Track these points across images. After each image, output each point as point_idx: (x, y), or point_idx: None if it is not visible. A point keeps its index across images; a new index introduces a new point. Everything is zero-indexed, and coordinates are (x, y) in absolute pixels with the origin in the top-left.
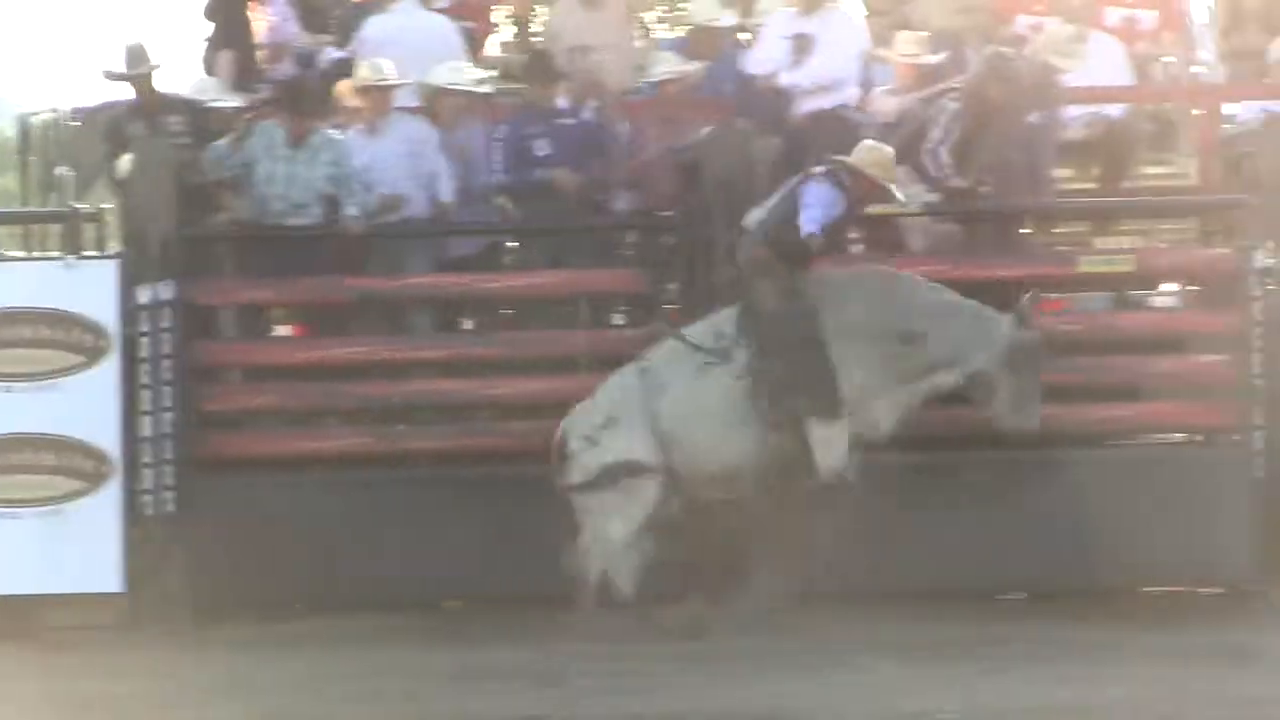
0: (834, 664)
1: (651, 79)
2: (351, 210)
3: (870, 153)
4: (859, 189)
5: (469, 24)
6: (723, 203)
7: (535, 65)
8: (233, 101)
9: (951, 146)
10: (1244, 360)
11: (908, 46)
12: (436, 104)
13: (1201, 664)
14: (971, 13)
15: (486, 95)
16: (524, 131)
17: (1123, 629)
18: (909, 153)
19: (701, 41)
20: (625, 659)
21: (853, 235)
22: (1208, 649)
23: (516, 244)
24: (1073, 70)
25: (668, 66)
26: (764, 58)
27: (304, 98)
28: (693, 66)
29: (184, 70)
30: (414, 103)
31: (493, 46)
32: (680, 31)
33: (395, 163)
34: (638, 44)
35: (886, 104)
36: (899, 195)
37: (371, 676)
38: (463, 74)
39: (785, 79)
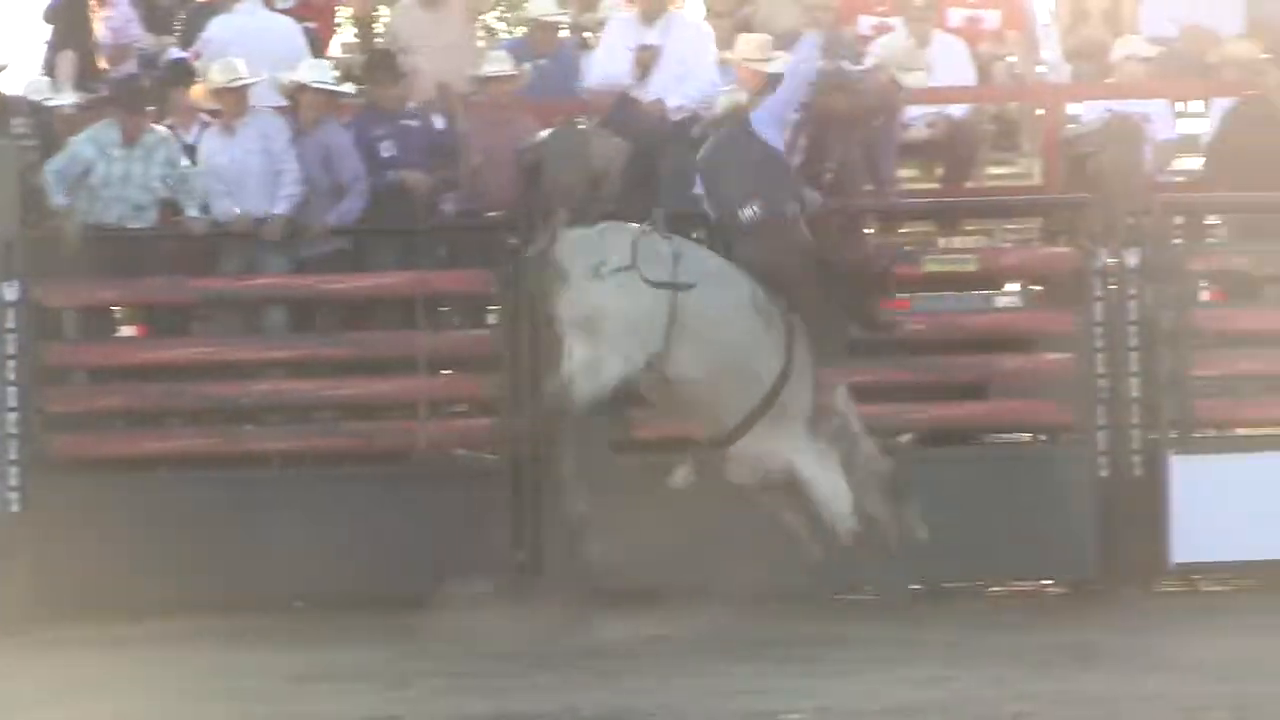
0: (680, 664)
1: (480, 76)
2: (191, 210)
3: None
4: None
5: (311, 25)
6: (563, 204)
7: (377, 65)
8: (67, 101)
9: (799, 152)
10: (1087, 359)
11: (749, 50)
12: (298, 101)
13: (1049, 663)
14: (814, 13)
15: (345, 94)
16: (370, 133)
17: (970, 628)
18: None
19: (539, 39)
20: (472, 660)
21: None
22: (1055, 648)
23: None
24: (915, 83)
25: (496, 65)
26: (607, 70)
27: (139, 97)
28: (525, 66)
29: (28, 72)
30: (274, 101)
31: (335, 47)
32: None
33: (251, 162)
34: (480, 44)
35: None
36: None
37: (219, 677)
38: (325, 72)
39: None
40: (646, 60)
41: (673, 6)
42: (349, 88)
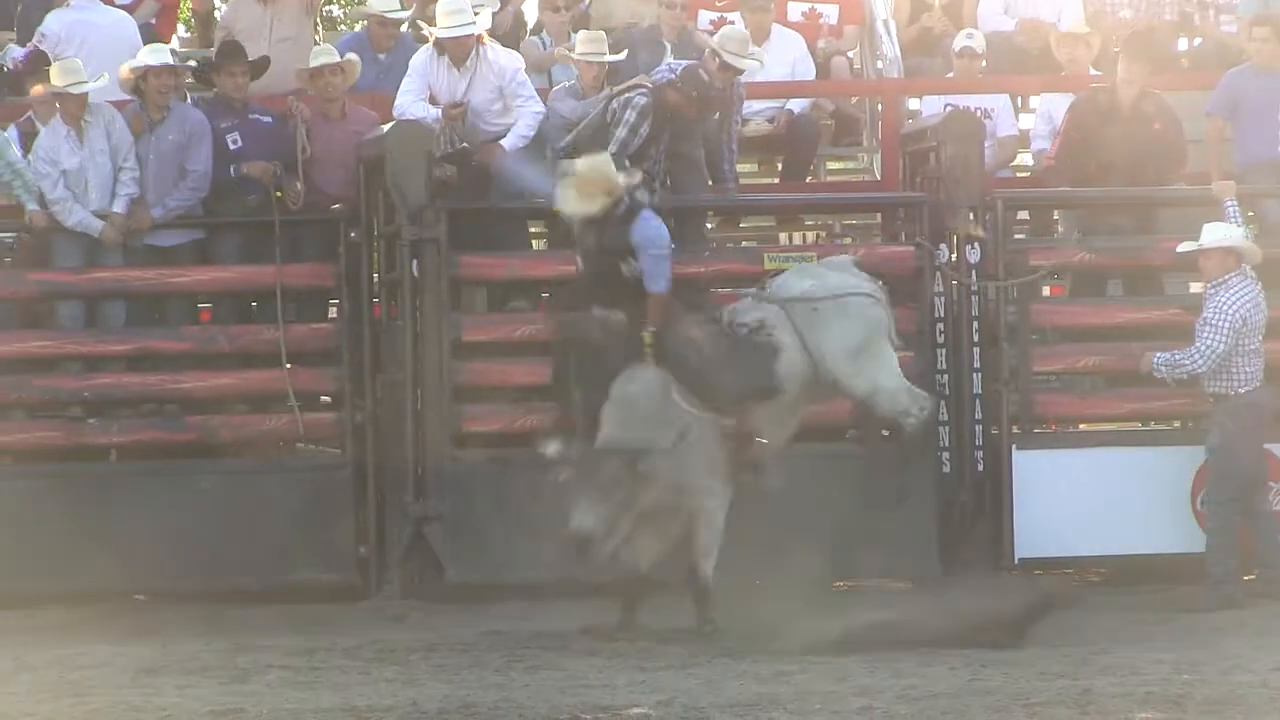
0: (520, 658)
1: (310, 69)
2: (30, 205)
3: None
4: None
5: (150, 19)
6: (404, 197)
7: (226, 56)
8: None
9: (638, 146)
10: (929, 356)
11: (587, 45)
12: (144, 90)
13: (893, 658)
14: (651, 4)
15: (190, 67)
16: (217, 124)
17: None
18: (591, 148)
19: (379, 35)
20: (314, 654)
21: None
22: (899, 644)
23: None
24: (748, 72)
25: (323, 58)
26: (412, 114)
27: None
28: (352, 57)
29: None
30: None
31: (174, 44)
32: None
33: (98, 163)
34: (317, 38)
35: (565, 104)
36: None
37: (62, 669)
38: (166, 54)
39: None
40: (456, 116)
41: (481, 45)
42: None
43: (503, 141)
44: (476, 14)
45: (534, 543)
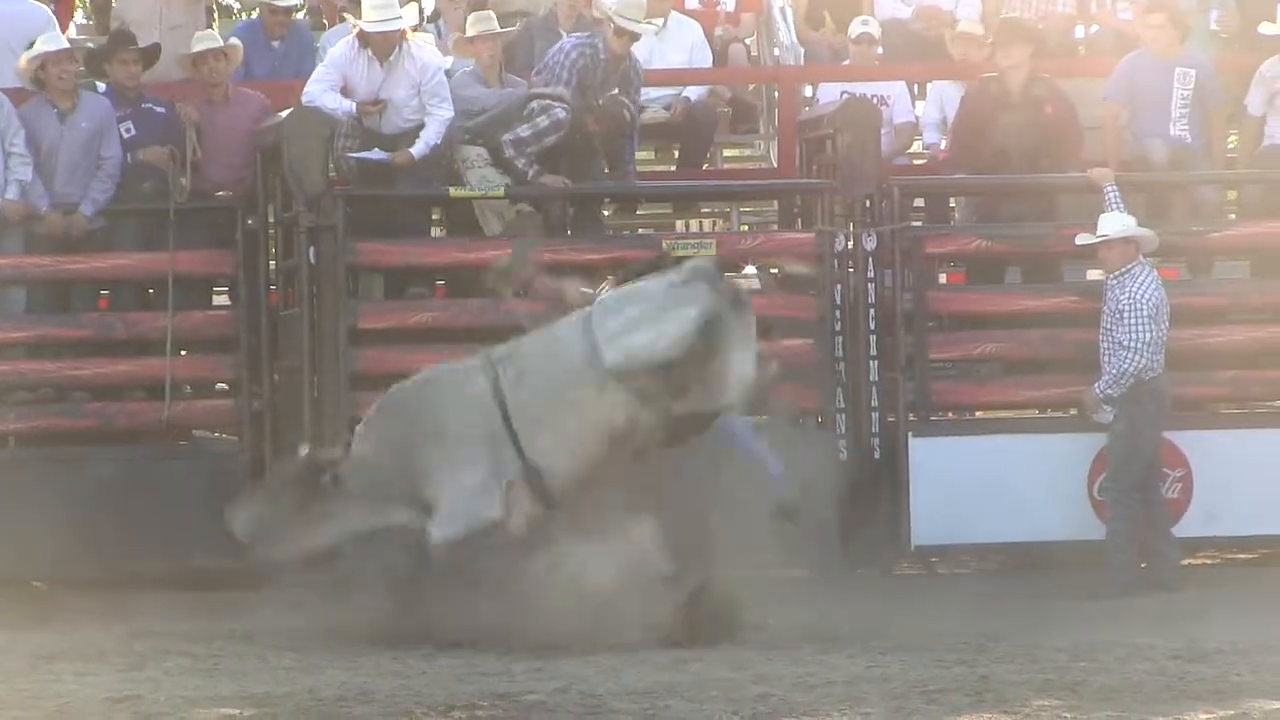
0: (418, 646)
1: (193, 54)
2: None
3: None
4: None
5: (48, 6)
6: (301, 184)
7: (117, 44)
8: None
9: (538, 152)
10: (827, 343)
11: (477, 25)
12: (44, 79)
13: (790, 646)
14: None
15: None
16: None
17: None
18: (490, 136)
19: (273, 22)
20: (211, 641)
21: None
22: (796, 631)
23: None
24: (646, 53)
25: (207, 43)
26: (324, 104)
27: None
28: (234, 41)
29: None
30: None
31: (71, 30)
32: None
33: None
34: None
35: (471, 90)
36: None
37: None
38: (62, 40)
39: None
40: (373, 112)
41: (405, 41)
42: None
43: (412, 149)
44: (403, 8)
45: None
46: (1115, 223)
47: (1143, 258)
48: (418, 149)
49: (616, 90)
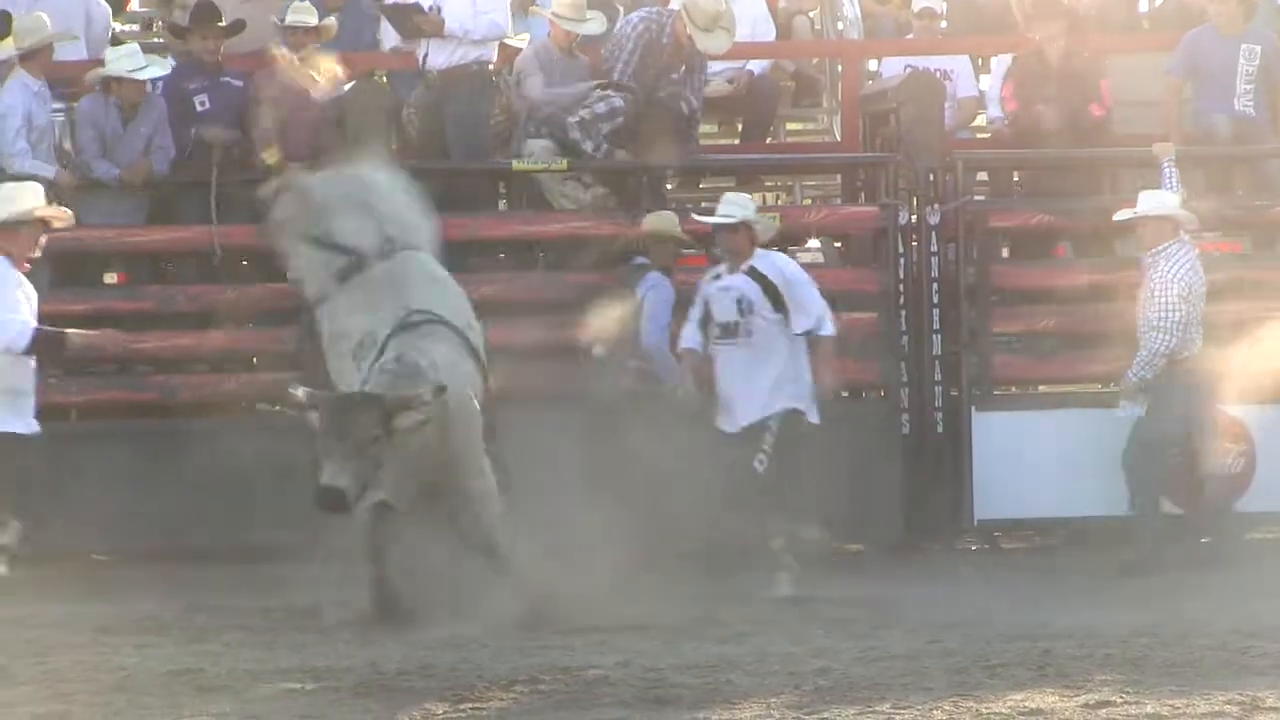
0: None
1: (283, 27)
2: None
3: None
4: None
5: None
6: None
7: (200, 18)
8: None
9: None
10: (891, 317)
11: (566, 8)
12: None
13: (852, 620)
14: None
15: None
16: (185, 86)
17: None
18: (554, 125)
19: None
20: (270, 614)
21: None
22: (858, 604)
23: None
24: (716, 52)
25: (297, 16)
26: None
27: None
28: (330, 20)
29: None
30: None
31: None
32: None
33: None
34: None
35: (533, 89)
36: None
37: (19, 628)
38: (137, 58)
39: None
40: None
41: None
42: (160, 69)
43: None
44: None
45: None
46: (1152, 200)
47: (1185, 235)
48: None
49: (682, 69)
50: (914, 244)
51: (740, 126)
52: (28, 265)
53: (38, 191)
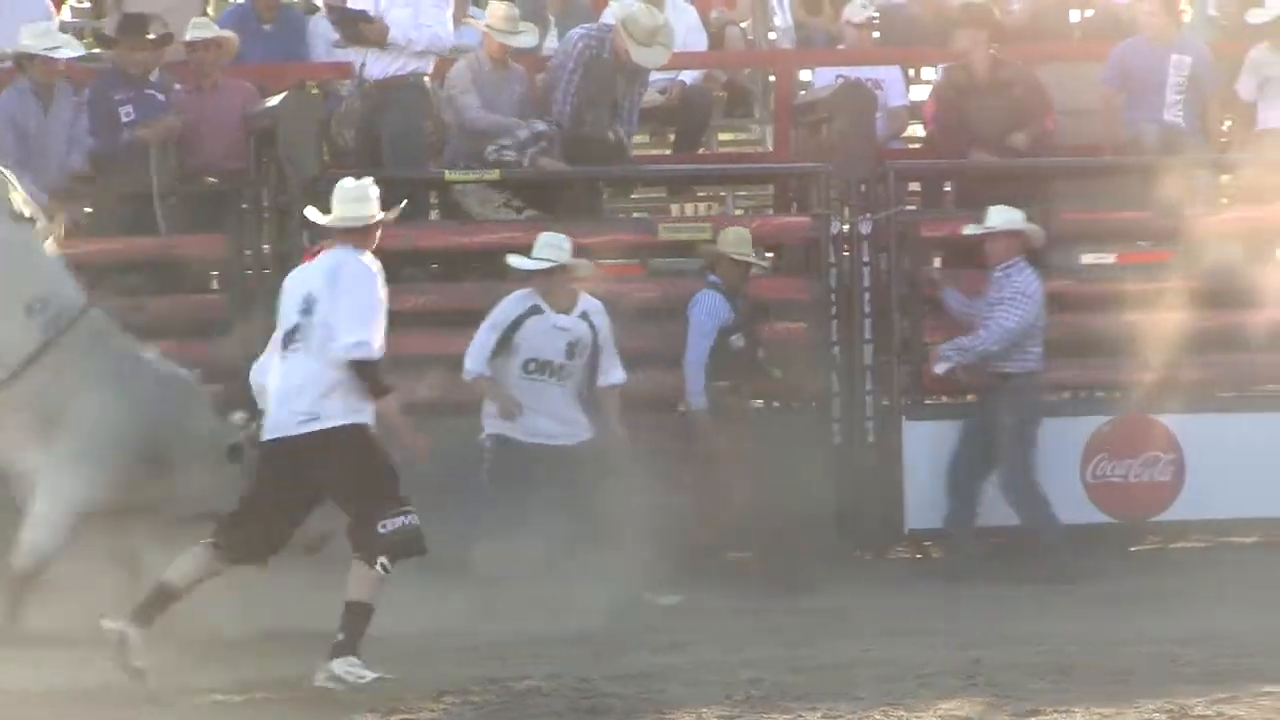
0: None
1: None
2: None
3: None
4: None
5: None
6: (296, 167)
7: (127, 29)
8: None
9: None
10: (822, 327)
11: (500, 21)
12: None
13: (784, 629)
14: None
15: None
16: (111, 95)
17: (704, 595)
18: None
19: (264, 5)
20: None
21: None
22: (790, 614)
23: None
24: (654, 66)
25: (199, 31)
26: None
27: None
28: (228, 34)
29: None
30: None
31: (65, 12)
32: None
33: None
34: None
35: (470, 108)
36: None
37: None
38: (53, 37)
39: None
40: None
41: None
42: (72, 50)
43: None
44: None
45: None
46: (1003, 215)
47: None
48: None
49: (624, 83)
50: (846, 254)
51: (673, 136)
52: None
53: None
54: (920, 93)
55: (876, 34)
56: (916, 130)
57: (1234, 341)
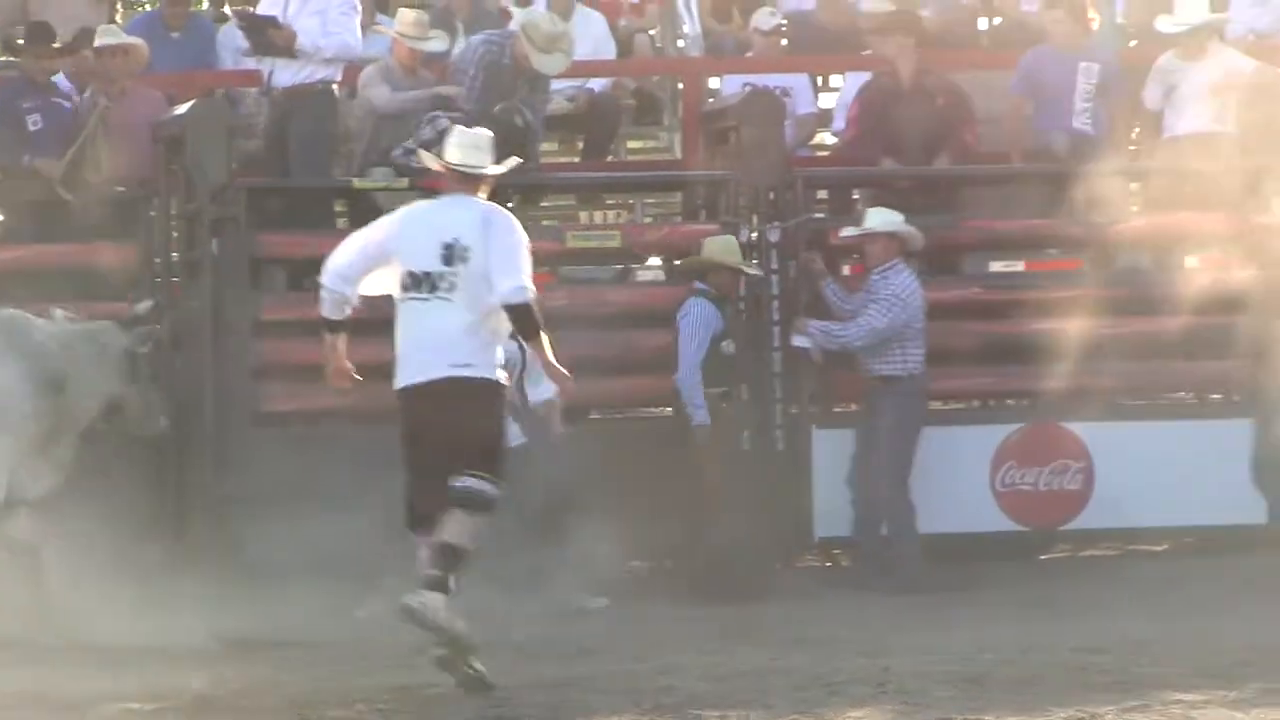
0: None
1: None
2: None
3: None
4: None
5: None
6: (204, 175)
7: (33, 36)
8: None
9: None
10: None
11: (409, 27)
12: None
13: (694, 636)
14: None
15: None
16: (19, 104)
17: (620, 602)
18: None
19: (172, 13)
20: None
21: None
22: (699, 621)
23: None
24: (553, 73)
25: (107, 38)
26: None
27: None
28: (136, 41)
29: None
30: None
31: None
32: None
33: None
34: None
35: (380, 95)
36: None
37: None
38: None
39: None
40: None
41: None
42: None
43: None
44: None
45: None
46: (881, 217)
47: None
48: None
49: (526, 89)
50: (755, 262)
51: (581, 145)
52: None
53: None
54: (828, 100)
55: (785, 41)
56: (825, 138)
57: (1143, 349)
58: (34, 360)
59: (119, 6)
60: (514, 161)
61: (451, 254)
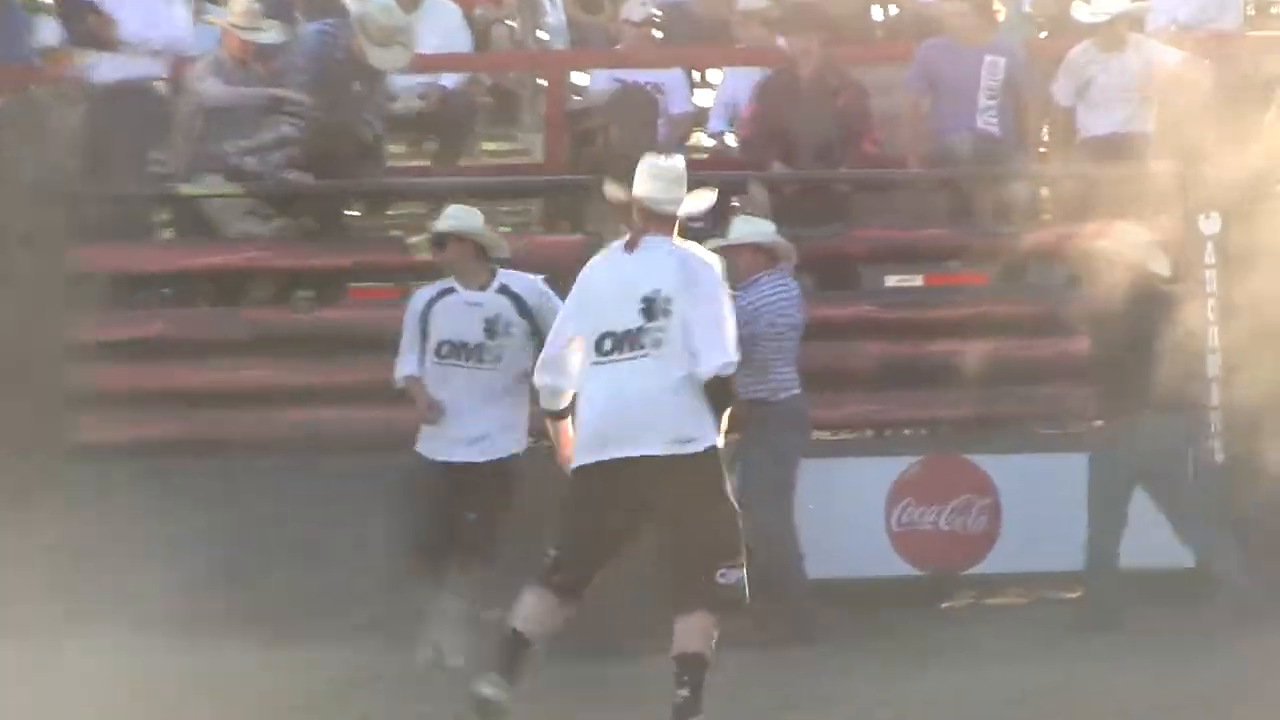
0: None
1: None
2: None
3: None
4: None
5: None
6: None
7: None
8: None
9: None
10: None
11: (241, 17)
12: None
13: (594, 691)
14: None
15: None
16: None
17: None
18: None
19: None
20: None
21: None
22: (597, 673)
23: None
24: (391, 69)
25: None
26: None
27: None
28: None
29: None
30: None
31: None
32: None
33: None
34: None
35: (212, 88)
36: None
37: None
38: None
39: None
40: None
41: None
42: None
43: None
44: None
45: None
46: (748, 227)
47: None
48: None
49: (359, 86)
50: None
51: (432, 146)
52: None
53: None
54: (705, 98)
55: (658, 33)
56: (701, 139)
57: (1056, 373)
58: None
59: None
60: (709, 195)
61: (654, 308)
